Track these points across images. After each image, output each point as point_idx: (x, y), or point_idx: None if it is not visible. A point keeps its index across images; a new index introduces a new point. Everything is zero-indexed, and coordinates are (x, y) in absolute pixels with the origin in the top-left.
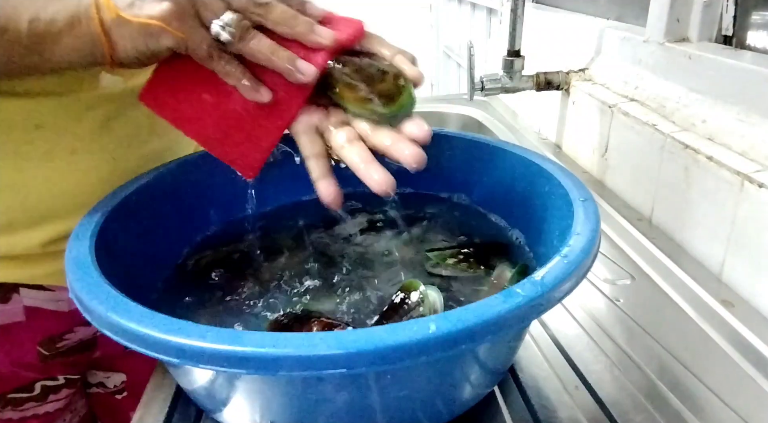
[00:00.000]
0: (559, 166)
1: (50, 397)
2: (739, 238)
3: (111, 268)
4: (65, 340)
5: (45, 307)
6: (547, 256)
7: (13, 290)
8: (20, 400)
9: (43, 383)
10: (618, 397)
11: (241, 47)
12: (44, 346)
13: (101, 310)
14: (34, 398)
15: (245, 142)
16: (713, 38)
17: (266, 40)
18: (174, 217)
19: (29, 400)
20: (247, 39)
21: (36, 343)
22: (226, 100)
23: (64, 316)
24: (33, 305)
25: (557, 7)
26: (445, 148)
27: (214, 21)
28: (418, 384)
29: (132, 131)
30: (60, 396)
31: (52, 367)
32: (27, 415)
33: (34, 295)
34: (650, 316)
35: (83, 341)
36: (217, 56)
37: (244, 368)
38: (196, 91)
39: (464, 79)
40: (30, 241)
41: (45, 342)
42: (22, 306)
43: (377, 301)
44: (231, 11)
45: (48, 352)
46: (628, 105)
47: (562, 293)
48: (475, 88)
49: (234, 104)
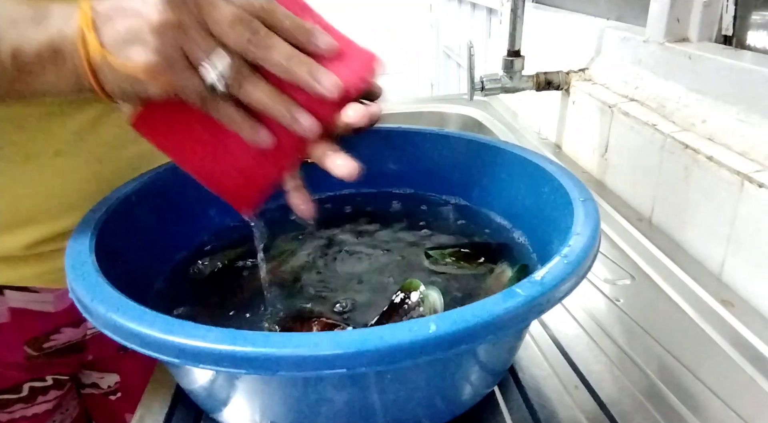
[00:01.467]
0: (559, 166)
1: (39, 398)
2: (739, 238)
3: (111, 268)
4: (52, 341)
5: (30, 307)
6: (547, 256)
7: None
8: (8, 402)
9: (31, 384)
10: (618, 397)
11: (237, 94)
12: (31, 346)
13: (101, 310)
14: (23, 399)
15: (240, 178)
16: (713, 38)
17: (265, 87)
18: (174, 217)
19: (17, 402)
20: (244, 86)
21: (22, 344)
22: (223, 134)
23: (50, 316)
24: (18, 306)
25: (557, 7)
26: (444, 148)
27: (209, 69)
28: (418, 384)
29: (119, 132)
30: (48, 397)
31: (40, 368)
32: (15, 417)
33: (20, 296)
34: (650, 316)
35: (72, 343)
36: (211, 102)
37: (244, 368)
38: (191, 123)
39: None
40: (14, 243)
41: (31, 342)
42: (7, 308)
43: (377, 301)
44: (225, 54)
45: (35, 352)
46: (628, 105)
47: (562, 293)
48: (475, 88)
49: (231, 138)
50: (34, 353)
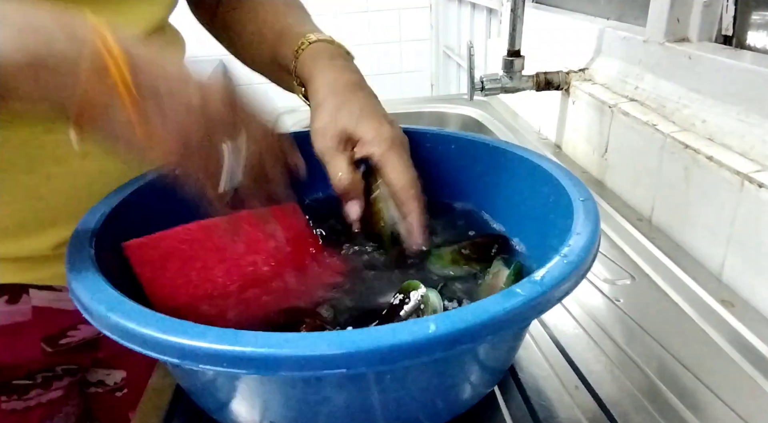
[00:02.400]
0: (559, 166)
1: (54, 384)
2: (739, 238)
3: (111, 268)
4: (68, 337)
5: (52, 305)
6: (547, 256)
7: (22, 291)
8: (25, 388)
9: (44, 374)
10: (618, 397)
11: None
12: (47, 343)
13: (101, 310)
14: (40, 385)
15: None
16: (713, 38)
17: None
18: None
19: (34, 388)
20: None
21: (39, 340)
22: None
23: (69, 314)
24: (41, 305)
25: (557, 7)
26: (444, 148)
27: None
28: (418, 384)
29: None
30: (63, 383)
31: (54, 363)
32: (31, 404)
33: (43, 295)
34: (650, 316)
35: (86, 340)
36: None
37: (244, 368)
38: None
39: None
40: (41, 243)
41: (48, 339)
42: (30, 306)
43: (377, 302)
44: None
45: (51, 348)
46: (628, 105)
47: (562, 293)
48: (475, 88)
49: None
50: (50, 349)
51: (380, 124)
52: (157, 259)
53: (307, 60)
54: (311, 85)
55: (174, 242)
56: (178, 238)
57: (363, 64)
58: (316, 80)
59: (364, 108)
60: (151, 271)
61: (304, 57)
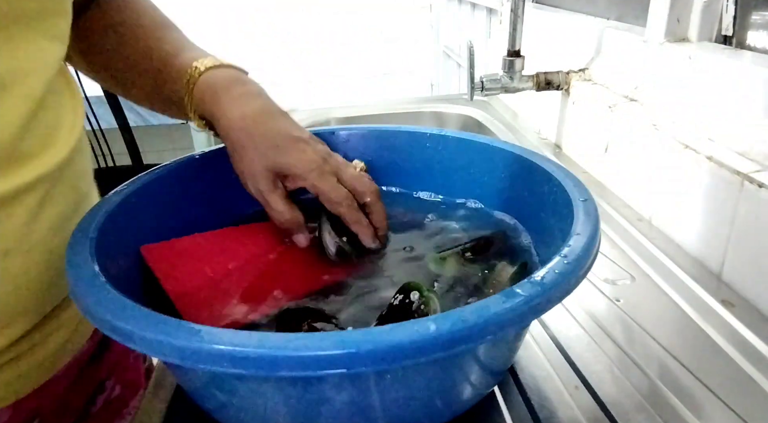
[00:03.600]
0: (559, 166)
1: None
2: (739, 238)
3: (111, 268)
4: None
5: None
6: (547, 256)
7: None
8: None
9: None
10: (618, 397)
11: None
12: None
13: (101, 311)
14: None
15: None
16: (713, 38)
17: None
18: (173, 218)
19: None
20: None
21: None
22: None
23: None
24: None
25: (557, 7)
26: (443, 149)
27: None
28: (418, 384)
29: (65, 210)
30: None
31: None
32: None
33: None
34: (650, 316)
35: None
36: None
37: (244, 368)
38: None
39: (464, 79)
40: None
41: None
42: None
43: (377, 302)
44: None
45: None
46: (628, 105)
47: (562, 293)
48: (475, 88)
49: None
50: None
51: (302, 152)
52: (172, 256)
53: (205, 96)
54: (219, 126)
55: (187, 244)
56: (192, 241)
57: (363, 65)
58: (222, 120)
59: (280, 139)
60: (167, 267)
61: (200, 93)
